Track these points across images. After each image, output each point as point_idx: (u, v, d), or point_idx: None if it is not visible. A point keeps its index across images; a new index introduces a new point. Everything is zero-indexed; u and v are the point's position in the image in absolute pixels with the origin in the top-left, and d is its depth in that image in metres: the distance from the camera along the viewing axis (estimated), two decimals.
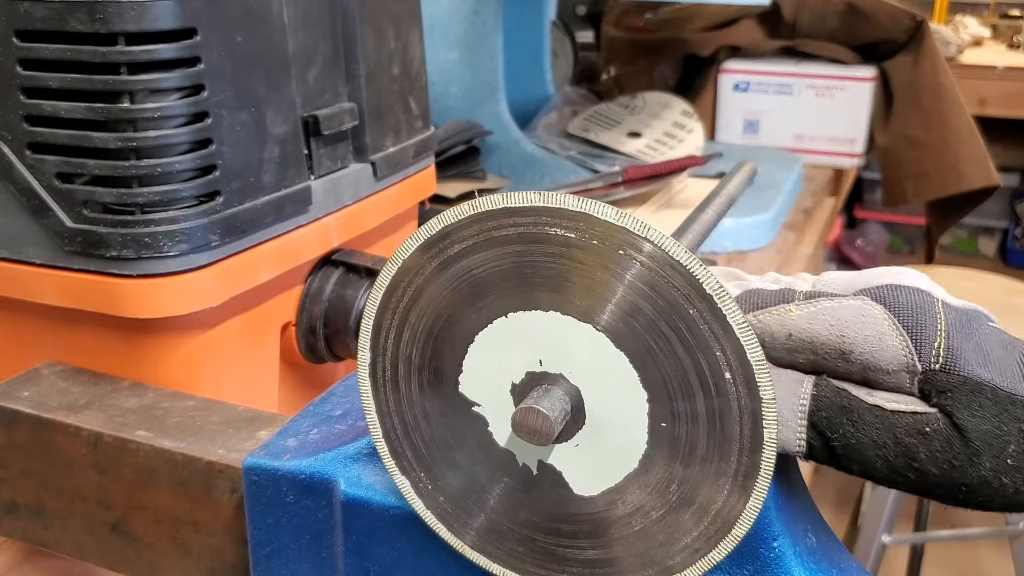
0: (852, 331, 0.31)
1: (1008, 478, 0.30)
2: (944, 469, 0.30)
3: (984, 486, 0.30)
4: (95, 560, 0.47)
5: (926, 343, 0.31)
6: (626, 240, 0.30)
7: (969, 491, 0.30)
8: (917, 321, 0.31)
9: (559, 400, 0.31)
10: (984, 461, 0.30)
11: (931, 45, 1.38)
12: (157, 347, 0.50)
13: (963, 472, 0.30)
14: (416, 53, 0.65)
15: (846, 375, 0.32)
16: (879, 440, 0.31)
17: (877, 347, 0.31)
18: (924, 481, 0.31)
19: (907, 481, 0.31)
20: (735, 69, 1.41)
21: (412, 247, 0.32)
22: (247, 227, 0.50)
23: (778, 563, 0.32)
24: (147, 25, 0.44)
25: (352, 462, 0.38)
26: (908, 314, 0.31)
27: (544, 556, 0.34)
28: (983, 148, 1.38)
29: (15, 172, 0.48)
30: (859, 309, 0.31)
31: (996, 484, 0.30)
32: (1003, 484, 0.30)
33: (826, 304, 0.32)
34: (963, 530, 2.00)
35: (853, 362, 0.31)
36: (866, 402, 0.31)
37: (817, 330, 0.32)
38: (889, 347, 0.31)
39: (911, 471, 0.31)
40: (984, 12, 2.89)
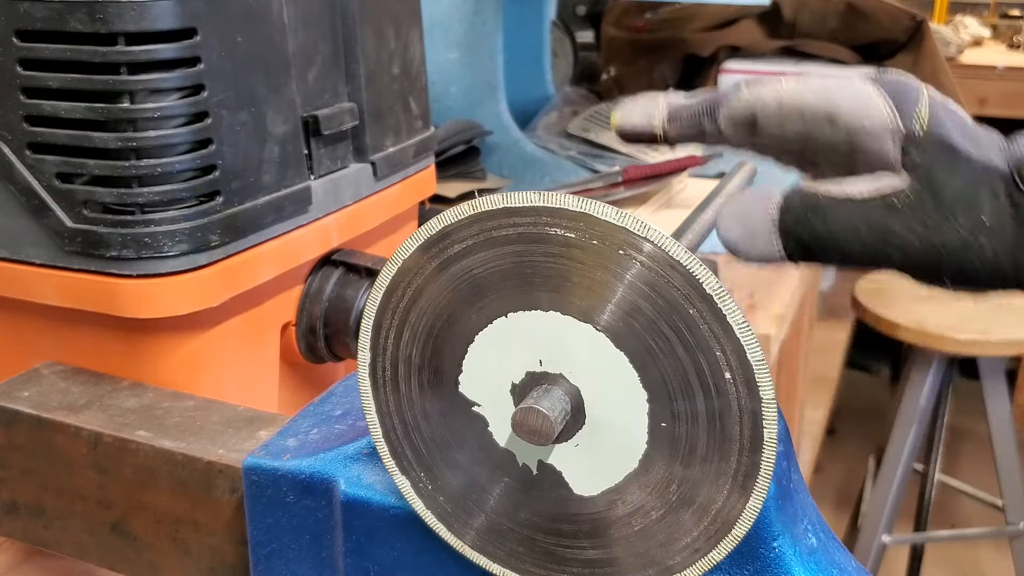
0: (839, 95, 0.33)
1: (986, 239, 0.32)
2: (922, 234, 0.32)
3: (964, 249, 0.32)
4: (95, 560, 0.47)
5: (908, 106, 0.33)
6: (626, 240, 0.30)
7: (950, 255, 0.32)
8: (901, 91, 0.33)
9: (559, 400, 0.31)
10: (959, 219, 0.32)
11: (931, 45, 1.38)
12: (157, 347, 0.50)
13: (940, 233, 0.32)
14: (416, 53, 0.65)
15: (831, 144, 0.34)
16: (852, 224, 0.33)
17: (863, 109, 0.33)
18: (907, 253, 0.32)
19: (888, 259, 0.33)
20: (735, 69, 1.41)
21: (412, 247, 0.32)
22: (247, 227, 0.50)
23: (778, 563, 0.32)
24: (147, 25, 0.44)
25: (352, 462, 0.38)
26: (893, 86, 0.33)
27: (544, 556, 0.34)
28: None
29: (15, 172, 0.48)
30: (846, 79, 0.34)
31: (976, 246, 0.32)
32: (982, 246, 0.32)
33: (815, 78, 0.34)
34: (963, 530, 2.00)
35: (840, 127, 0.33)
36: (834, 195, 0.33)
37: (806, 96, 0.34)
38: (874, 108, 0.33)
39: (890, 247, 0.32)
40: (984, 12, 2.89)
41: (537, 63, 1.32)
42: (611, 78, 1.53)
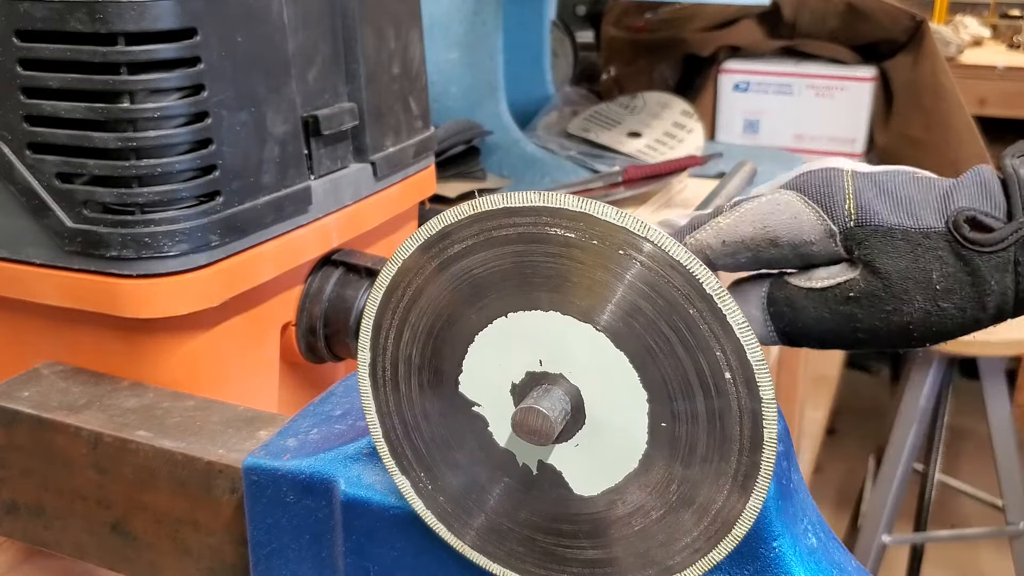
0: (772, 220, 0.34)
1: (945, 302, 0.33)
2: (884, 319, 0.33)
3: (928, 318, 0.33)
4: (95, 560, 0.47)
5: (837, 207, 0.34)
6: (626, 240, 0.30)
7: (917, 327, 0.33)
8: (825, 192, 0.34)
9: (559, 400, 0.31)
10: (914, 296, 0.33)
11: (931, 45, 1.37)
12: (157, 347, 0.50)
13: (901, 314, 0.33)
14: (416, 53, 0.65)
15: (783, 260, 0.35)
16: (819, 316, 0.34)
17: (796, 226, 0.34)
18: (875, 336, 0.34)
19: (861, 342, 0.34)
20: (735, 69, 1.41)
21: (412, 247, 0.32)
22: (247, 227, 0.50)
23: (778, 563, 0.32)
24: (147, 25, 0.44)
25: (352, 462, 0.38)
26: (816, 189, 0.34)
27: (544, 556, 0.34)
28: (983, 148, 1.38)
29: (15, 172, 0.48)
30: (774, 201, 0.35)
31: (937, 312, 0.33)
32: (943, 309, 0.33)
33: (747, 206, 0.35)
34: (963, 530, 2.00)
35: (782, 245, 0.35)
36: (801, 287, 0.35)
37: (744, 230, 0.35)
38: (806, 222, 0.34)
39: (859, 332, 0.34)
40: (984, 12, 2.89)
41: (537, 63, 1.32)
42: (611, 78, 1.53)
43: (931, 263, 0.33)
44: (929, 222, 0.33)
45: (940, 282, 0.33)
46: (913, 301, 0.33)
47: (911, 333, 0.34)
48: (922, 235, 0.33)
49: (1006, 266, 0.32)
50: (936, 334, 0.34)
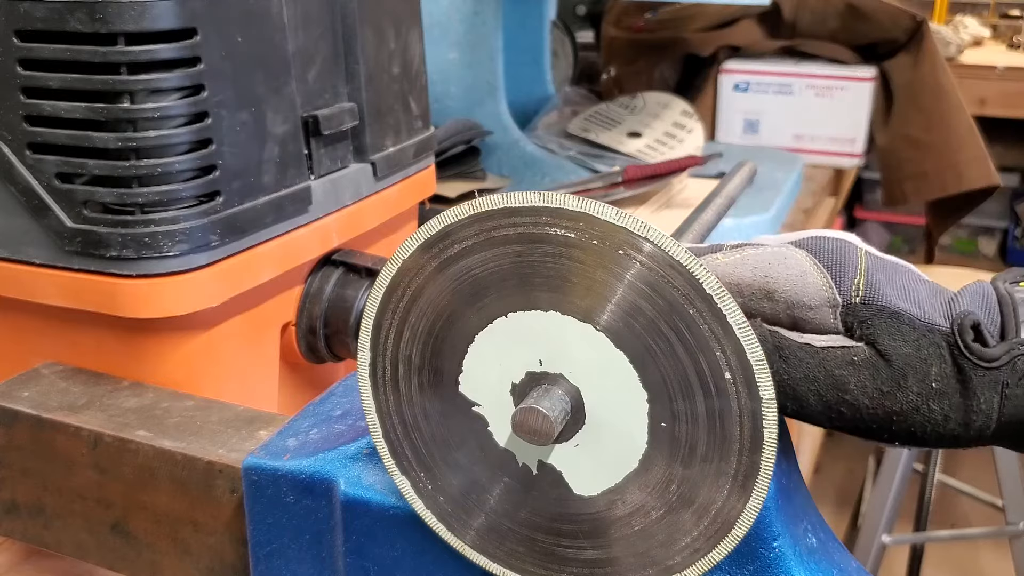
0: (776, 272, 0.33)
1: (936, 403, 0.31)
2: (874, 398, 0.32)
3: (914, 413, 0.32)
4: (95, 560, 0.47)
5: (846, 278, 0.33)
6: (626, 240, 0.30)
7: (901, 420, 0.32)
8: (837, 261, 0.33)
9: (559, 400, 0.31)
10: (911, 384, 0.31)
11: (931, 45, 1.37)
12: (157, 347, 0.50)
13: (892, 398, 0.32)
14: (416, 53, 0.65)
15: (773, 316, 0.33)
16: (811, 375, 0.32)
17: (799, 284, 0.33)
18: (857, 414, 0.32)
19: (840, 416, 0.32)
20: (735, 69, 1.41)
21: (412, 247, 0.32)
22: (247, 227, 0.50)
23: (778, 563, 0.32)
24: (147, 25, 0.44)
25: (352, 462, 0.38)
26: (828, 255, 0.33)
27: (544, 556, 0.34)
28: (983, 148, 1.38)
29: (15, 172, 0.48)
30: (781, 253, 0.33)
31: (925, 410, 0.31)
32: (931, 410, 0.31)
33: (751, 251, 0.34)
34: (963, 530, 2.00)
35: (778, 301, 0.33)
36: (796, 341, 0.33)
37: (742, 274, 0.34)
38: (811, 283, 0.33)
39: (843, 405, 0.32)
40: (984, 12, 2.89)
41: (537, 63, 1.32)
42: (611, 78, 1.53)
43: (932, 359, 0.31)
44: (935, 318, 0.32)
45: (936, 381, 0.31)
46: (908, 390, 0.32)
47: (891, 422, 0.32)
48: (927, 328, 0.32)
49: (995, 386, 0.31)
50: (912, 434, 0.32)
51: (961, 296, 0.33)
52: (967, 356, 0.31)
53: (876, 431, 0.33)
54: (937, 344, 0.32)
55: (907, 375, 0.32)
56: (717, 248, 0.35)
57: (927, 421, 0.32)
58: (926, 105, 1.38)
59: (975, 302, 0.33)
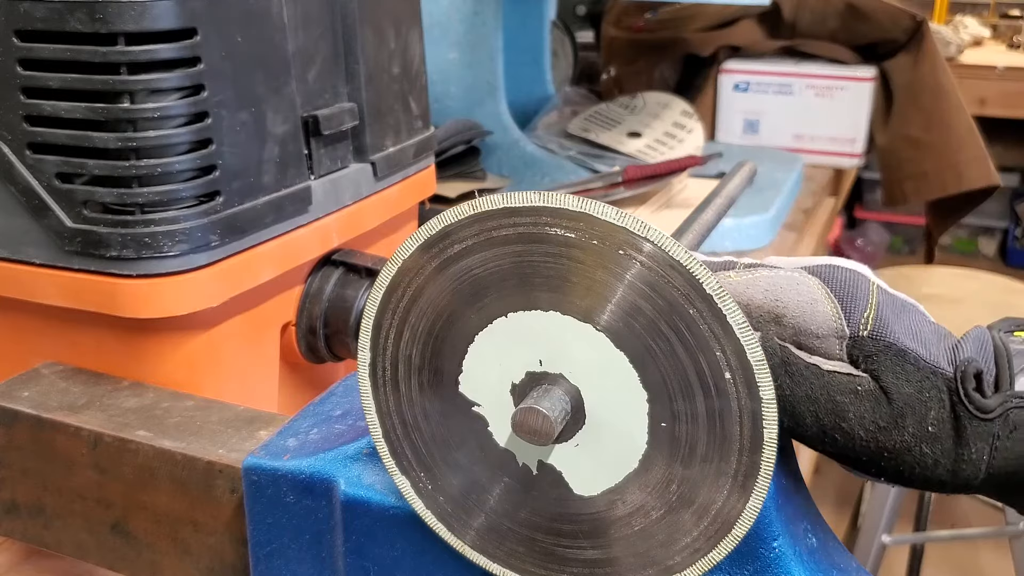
0: (786, 296, 0.33)
1: (928, 447, 0.31)
2: (870, 431, 0.32)
3: (906, 453, 0.32)
4: (95, 560, 0.47)
5: (856, 311, 0.32)
6: (626, 240, 0.30)
7: (891, 457, 0.32)
8: (849, 292, 0.33)
9: (559, 400, 0.31)
10: (907, 424, 0.31)
11: (931, 45, 1.37)
12: (157, 347, 0.50)
13: (887, 435, 0.32)
14: (416, 53, 0.65)
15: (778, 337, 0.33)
16: (813, 395, 0.32)
17: (809, 311, 0.33)
18: (849, 443, 0.32)
19: (833, 442, 0.32)
20: (735, 69, 1.41)
21: (412, 247, 0.32)
22: (247, 227, 0.50)
23: (778, 563, 0.32)
24: (147, 25, 0.44)
25: (352, 462, 0.38)
26: (841, 286, 0.33)
27: (544, 556, 0.34)
28: (983, 148, 1.38)
29: (15, 172, 0.48)
30: (794, 279, 0.33)
31: (917, 452, 0.32)
32: (923, 453, 0.31)
33: (763, 273, 0.34)
34: (963, 530, 2.00)
35: (786, 326, 0.33)
36: (804, 360, 0.33)
37: (753, 295, 0.33)
38: (820, 312, 0.33)
39: (838, 432, 0.32)
40: (984, 12, 2.89)
41: (537, 63, 1.32)
42: (611, 78, 1.53)
43: (932, 402, 0.31)
44: (940, 362, 0.32)
45: (933, 424, 0.31)
46: (904, 430, 0.31)
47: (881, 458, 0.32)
48: (931, 371, 0.32)
49: (987, 438, 0.31)
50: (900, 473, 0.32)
51: (965, 342, 0.33)
52: (965, 405, 0.31)
53: (865, 464, 0.33)
54: (939, 388, 0.31)
55: (906, 415, 0.31)
56: (730, 265, 0.35)
57: (917, 463, 0.32)
58: (926, 105, 1.38)
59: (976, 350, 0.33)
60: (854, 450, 0.32)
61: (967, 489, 0.32)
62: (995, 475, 0.32)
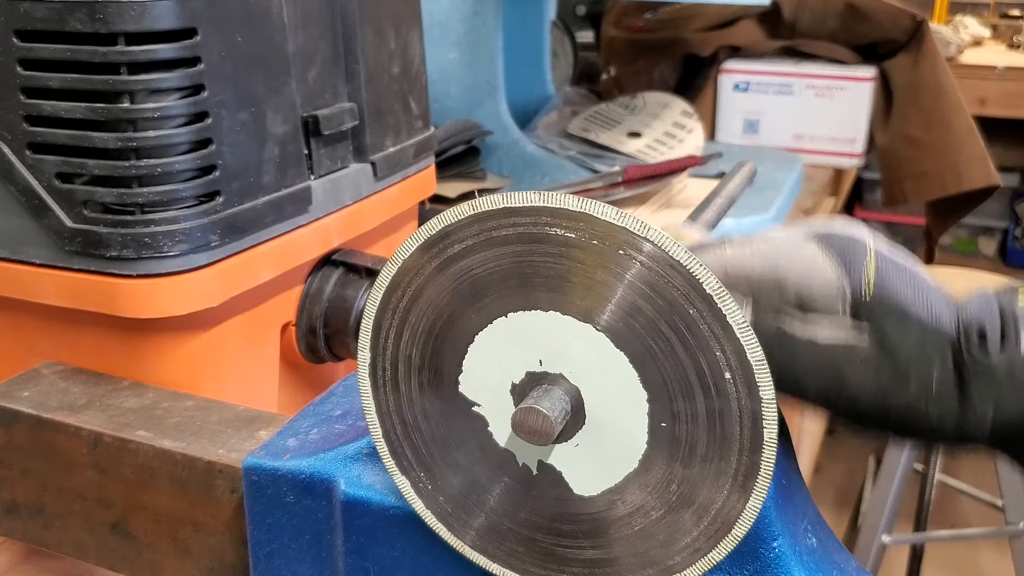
0: (786, 262, 0.33)
1: (933, 406, 0.32)
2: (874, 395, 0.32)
3: (911, 411, 0.32)
4: (95, 560, 0.47)
5: (856, 272, 0.32)
6: (626, 240, 0.30)
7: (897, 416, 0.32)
8: (848, 250, 0.33)
9: (559, 400, 0.31)
10: (911, 384, 0.31)
11: (931, 45, 1.37)
12: (157, 347, 0.50)
13: (892, 395, 0.32)
14: (416, 53, 0.65)
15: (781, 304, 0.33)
16: (812, 368, 0.32)
17: (810, 275, 0.33)
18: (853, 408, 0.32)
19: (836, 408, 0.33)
20: (735, 69, 1.41)
21: (412, 247, 0.32)
22: (247, 227, 0.50)
23: (778, 563, 0.32)
24: (147, 25, 0.44)
25: (352, 462, 0.38)
26: (840, 249, 0.33)
27: (544, 556, 0.34)
28: (983, 148, 1.38)
29: (15, 172, 0.48)
30: (793, 243, 0.33)
31: (923, 409, 0.32)
32: (928, 411, 0.32)
33: (761, 243, 0.34)
34: (963, 530, 2.00)
35: (787, 291, 0.33)
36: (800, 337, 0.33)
37: (753, 264, 0.33)
38: (821, 276, 0.33)
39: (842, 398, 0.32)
40: (984, 12, 2.89)
41: (537, 63, 1.32)
42: (611, 78, 1.53)
43: (935, 360, 0.31)
44: (943, 322, 0.32)
45: (937, 383, 0.32)
46: (908, 389, 0.32)
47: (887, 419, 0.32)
48: (934, 330, 0.32)
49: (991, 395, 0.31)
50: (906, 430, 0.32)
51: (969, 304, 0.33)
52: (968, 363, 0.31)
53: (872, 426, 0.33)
54: (941, 347, 0.32)
55: (909, 374, 0.32)
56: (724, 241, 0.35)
57: (922, 420, 0.32)
58: (926, 105, 1.38)
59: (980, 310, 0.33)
60: (859, 413, 0.32)
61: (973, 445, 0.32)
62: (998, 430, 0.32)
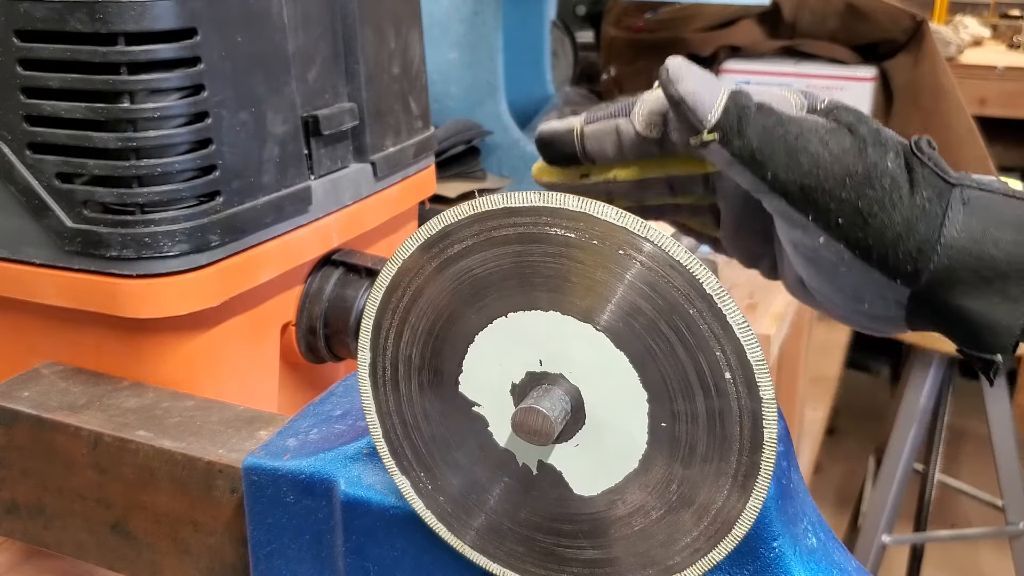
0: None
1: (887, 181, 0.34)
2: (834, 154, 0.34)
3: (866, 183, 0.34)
4: (95, 560, 0.47)
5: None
6: (626, 240, 0.30)
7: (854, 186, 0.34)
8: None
9: (559, 400, 0.31)
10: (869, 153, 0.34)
11: (931, 45, 1.37)
12: (157, 347, 0.50)
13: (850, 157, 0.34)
14: (416, 53, 0.65)
15: None
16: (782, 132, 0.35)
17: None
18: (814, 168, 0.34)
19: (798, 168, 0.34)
20: (735, 69, 1.41)
21: (412, 247, 0.32)
22: (247, 227, 0.50)
23: (778, 563, 0.32)
24: (147, 25, 0.44)
25: (352, 462, 0.38)
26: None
27: (544, 556, 0.34)
28: (983, 148, 1.38)
29: (15, 172, 0.48)
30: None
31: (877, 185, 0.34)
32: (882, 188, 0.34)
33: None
34: (963, 530, 2.00)
35: None
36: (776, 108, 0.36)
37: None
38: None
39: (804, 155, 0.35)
40: (984, 12, 2.88)
41: (537, 63, 1.32)
42: (611, 78, 1.53)
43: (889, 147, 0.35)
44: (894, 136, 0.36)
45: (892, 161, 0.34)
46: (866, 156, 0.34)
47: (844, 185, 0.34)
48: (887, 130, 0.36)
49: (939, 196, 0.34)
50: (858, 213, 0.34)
51: None
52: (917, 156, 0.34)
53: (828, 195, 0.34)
54: (897, 141, 0.35)
55: (867, 144, 0.35)
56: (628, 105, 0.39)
57: (875, 201, 0.34)
58: (926, 105, 1.38)
59: None
60: (819, 176, 0.34)
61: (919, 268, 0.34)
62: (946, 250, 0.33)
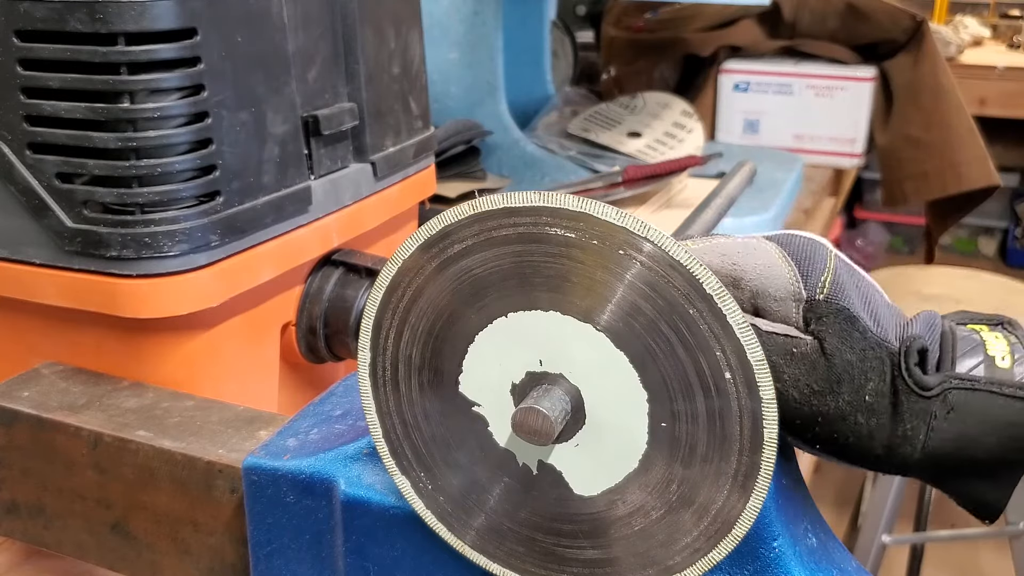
0: (744, 260, 0.33)
1: (864, 417, 0.31)
2: (804, 394, 0.32)
3: (840, 421, 0.32)
4: (95, 560, 0.47)
5: (814, 275, 0.33)
6: (626, 240, 0.30)
7: (826, 424, 0.32)
8: (807, 258, 0.33)
9: (559, 400, 0.31)
10: (843, 391, 0.31)
11: (931, 45, 1.38)
12: (157, 347, 0.50)
13: (822, 399, 0.32)
14: (416, 53, 0.65)
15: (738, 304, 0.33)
16: None
17: (767, 274, 0.33)
18: (783, 404, 0.32)
19: None
20: (735, 69, 1.41)
21: (412, 247, 0.32)
22: (247, 227, 0.50)
23: (778, 563, 0.32)
24: (147, 25, 0.44)
25: (352, 462, 0.38)
26: (799, 251, 0.33)
27: (544, 556, 0.34)
28: (983, 148, 1.38)
29: (15, 172, 0.48)
30: (752, 244, 0.34)
31: (852, 420, 0.32)
32: (858, 422, 0.32)
33: (721, 239, 0.34)
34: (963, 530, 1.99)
35: (744, 289, 0.33)
36: None
37: (711, 260, 0.34)
38: (778, 275, 0.33)
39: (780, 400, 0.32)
40: (984, 12, 2.89)
41: (537, 63, 1.32)
42: (611, 78, 1.53)
43: (872, 372, 0.31)
44: (888, 335, 0.32)
45: (871, 395, 0.31)
46: (840, 396, 0.32)
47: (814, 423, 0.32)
48: (877, 342, 0.32)
49: (924, 416, 0.31)
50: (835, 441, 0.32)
51: (914, 322, 0.33)
52: (905, 379, 0.31)
53: (799, 428, 0.33)
54: (881, 360, 0.32)
55: (843, 381, 0.32)
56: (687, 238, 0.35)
57: (851, 432, 0.32)
58: (926, 105, 1.38)
59: (924, 330, 0.33)
60: (787, 411, 0.32)
61: (903, 469, 0.32)
62: (930, 455, 0.32)
